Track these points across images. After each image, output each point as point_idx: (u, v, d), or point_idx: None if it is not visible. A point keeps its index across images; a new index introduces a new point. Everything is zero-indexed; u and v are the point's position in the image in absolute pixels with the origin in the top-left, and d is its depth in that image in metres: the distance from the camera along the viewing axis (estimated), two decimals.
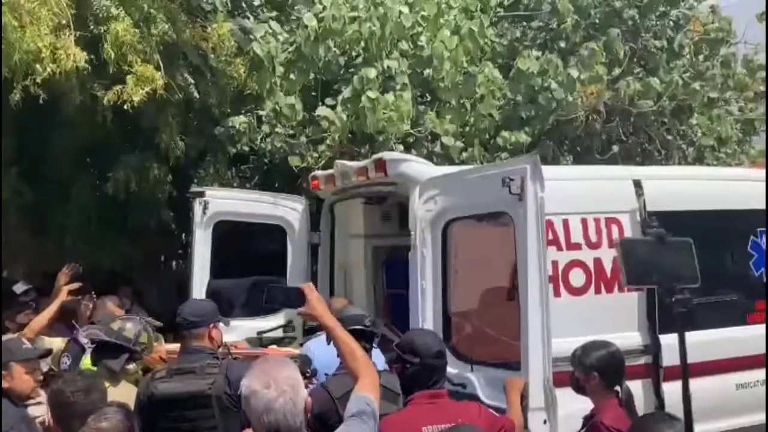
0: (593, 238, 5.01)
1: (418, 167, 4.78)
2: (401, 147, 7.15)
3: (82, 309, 5.42)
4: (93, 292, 5.49)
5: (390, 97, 6.47)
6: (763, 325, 5.28)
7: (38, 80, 4.62)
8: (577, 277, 5.05)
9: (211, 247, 6.02)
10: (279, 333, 6.23)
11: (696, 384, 4.01)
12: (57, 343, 4.94)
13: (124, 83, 5.16)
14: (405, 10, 6.95)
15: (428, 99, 7.56)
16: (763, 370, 5.17)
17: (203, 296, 5.97)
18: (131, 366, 3.99)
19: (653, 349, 4.95)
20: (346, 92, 6.56)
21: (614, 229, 4.97)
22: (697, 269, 3.94)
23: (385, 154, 5.07)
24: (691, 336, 4.14)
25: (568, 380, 3.68)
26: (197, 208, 5.98)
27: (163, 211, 6.51)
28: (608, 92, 7.17)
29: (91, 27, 5.10)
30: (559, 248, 5.00)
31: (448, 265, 4.30)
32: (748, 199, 5.38)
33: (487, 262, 4.44)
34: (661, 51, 7.81)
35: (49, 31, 4.59)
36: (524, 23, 8.54)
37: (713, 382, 5.09)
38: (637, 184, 5.05)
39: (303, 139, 6.87)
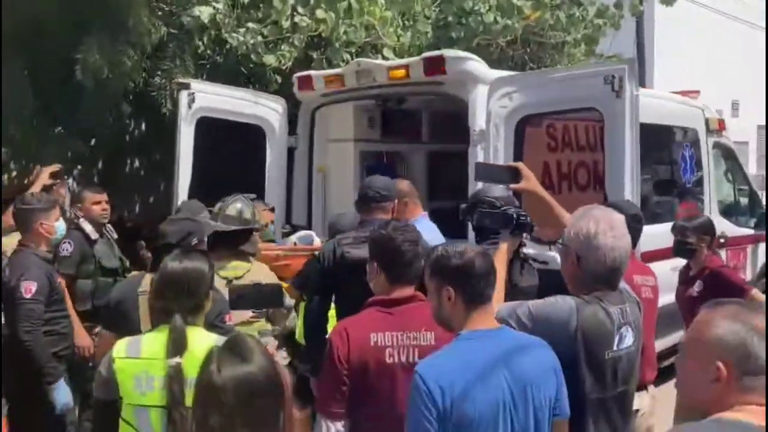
0: (592, 142, 5.75)
1: (479, 66, 5.02)
2: (347, 55, 7.18)
3: (54, 195, 4.82)
4: (66, 177, 4.91)
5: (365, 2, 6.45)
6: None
7: None
8: (582, 176, 5.78)
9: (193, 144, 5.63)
10: None
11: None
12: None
13: None
14: None
15: None
16: None
17: (186, 197, 5.61)
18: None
19: None
20: None
21: None
22: None
23: (445, 52, 5.20)
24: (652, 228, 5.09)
25: None
26: (183, 100, 5.53)
27: (122, 104, 5.80)
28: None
29: None
30: (572, 150, 5.67)
31: (522, 157, 4.65)
32: (682, 117, 6.51)
33: (566, 154, 4.88)
34: None
35: None
36: None
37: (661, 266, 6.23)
38: None
39: (259, 38, 6.56)
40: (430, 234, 3.78)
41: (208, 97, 5.65)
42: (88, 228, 4.73)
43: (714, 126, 7.09)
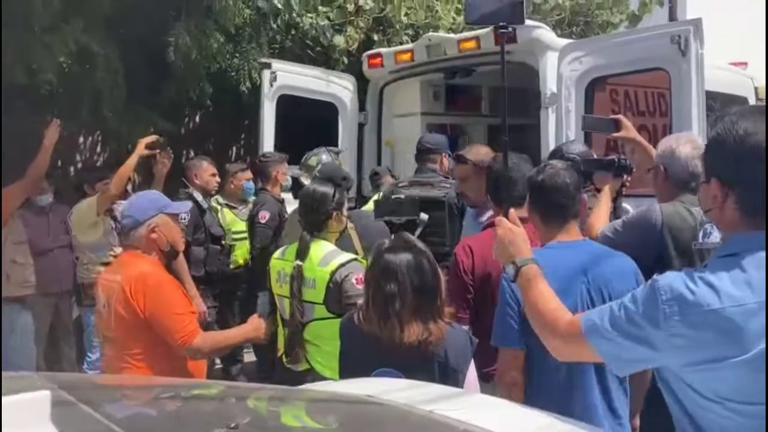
0: (651, 108, 6.05)
1: (548, 34, 5.36)
2: (406, 37, 7.55)
3: (159, 167, 5.18)
4: (169, 148, 5.26)
5: None
6: None
7: None
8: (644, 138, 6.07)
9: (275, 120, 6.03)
10: None
11: None
12: None
13: None
14: None
15: None
16: None
17: None
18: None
19: None
20: None
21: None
22: None
23: None
24: None
25: None
26: (266, 79, 5.94)
27: (204, 84, 6.21)
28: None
29: None
30: (633, 114, 5.96)
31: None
32: (733, 85, 6.77)
33: (628, 118, 5.17)
34: None
35: None
36: None
37: None
38: None
39: (327, 22, 6.95)
40: None
41: (288, 76, 6.06)
42: (199, 198, 5.03)
43: (763, 95, 7.33)
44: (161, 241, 2.87)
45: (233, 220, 5.44)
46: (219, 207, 5.45)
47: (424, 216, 2.96)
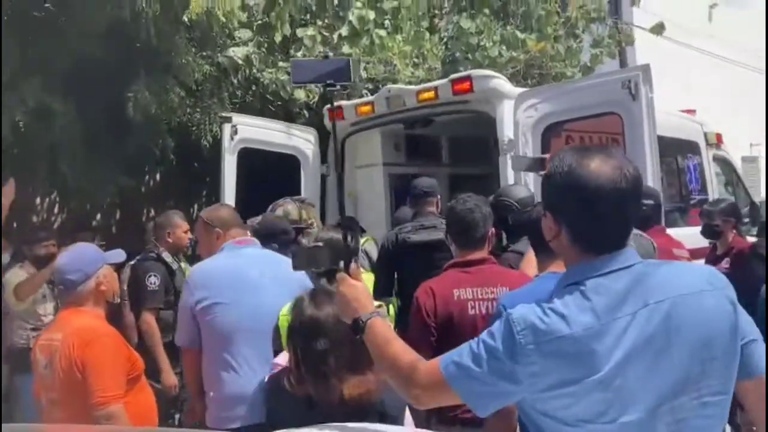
0: None
1: (503, 83, 5.49)
2: (365, 90, 7.66)
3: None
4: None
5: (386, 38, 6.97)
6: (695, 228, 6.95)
7: None
8: None
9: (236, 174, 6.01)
10: None
11: None
12: None
13: None
14: None
15: None
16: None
17: None
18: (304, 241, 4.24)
19: None
20: (343, 30, 6.88)
21: None
22: None
23: (472, 72, 5.66)
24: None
25: None
26: (226, 133, 5.94)
27: (166, 139, 6.19)
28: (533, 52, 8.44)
29: None
30: None
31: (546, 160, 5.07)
32: (683, 130, 6.99)
33: None
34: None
35: None
36: None
37: None
38: None
39: (286, 77, 7.02)
40: None
41: (249, 129, 6.07)
42: (168, 259, 4.85)
43: (713, 140, 7.57)
44: (108, 293, 2.81)
45: None
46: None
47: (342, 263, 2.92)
